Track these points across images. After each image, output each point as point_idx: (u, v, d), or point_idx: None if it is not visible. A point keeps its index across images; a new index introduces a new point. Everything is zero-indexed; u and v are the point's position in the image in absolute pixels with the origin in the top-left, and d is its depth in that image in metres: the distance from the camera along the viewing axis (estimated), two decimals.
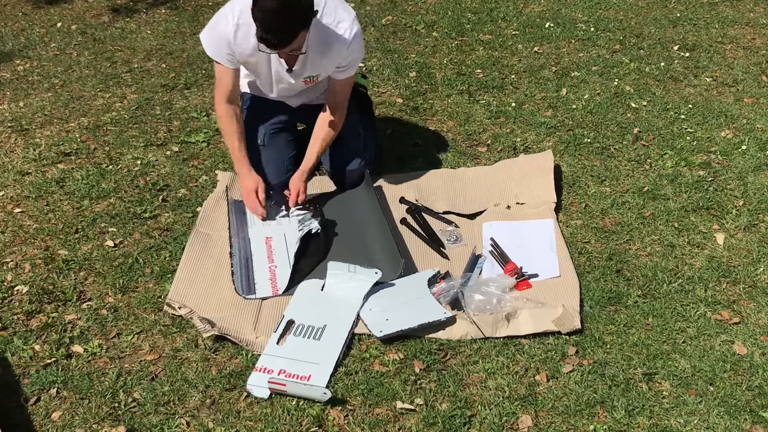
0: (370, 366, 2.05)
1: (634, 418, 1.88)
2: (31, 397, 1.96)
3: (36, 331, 2.19)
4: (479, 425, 1.87)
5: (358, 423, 1.88)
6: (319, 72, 2.60)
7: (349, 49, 2.50)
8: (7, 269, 2.45)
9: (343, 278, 2.30)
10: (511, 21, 4.51)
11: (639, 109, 3.43)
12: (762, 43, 4.11)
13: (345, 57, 2.52)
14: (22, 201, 2.82)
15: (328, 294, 2.29)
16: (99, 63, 4.08)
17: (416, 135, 3.25)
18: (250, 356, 2.08)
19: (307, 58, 2.51)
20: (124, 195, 2.84)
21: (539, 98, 3.55)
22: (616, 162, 3.01)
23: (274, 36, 2.23)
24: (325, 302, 2.27)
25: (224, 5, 2.51)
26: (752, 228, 2.60)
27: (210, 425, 1.88)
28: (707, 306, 2.24)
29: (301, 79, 2.61)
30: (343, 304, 2.24)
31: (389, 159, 3.04)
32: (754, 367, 2.02)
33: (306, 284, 2.35)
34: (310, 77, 2.62)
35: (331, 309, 2.24)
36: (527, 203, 2.69)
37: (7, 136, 3.30)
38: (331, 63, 2.55)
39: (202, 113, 3.47)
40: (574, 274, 2.34)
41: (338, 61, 2.54)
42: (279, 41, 2.25)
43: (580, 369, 2.02)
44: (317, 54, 2.50)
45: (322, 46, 2.48)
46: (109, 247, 2.55)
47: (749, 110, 3.39)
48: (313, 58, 2.52)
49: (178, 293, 2.29)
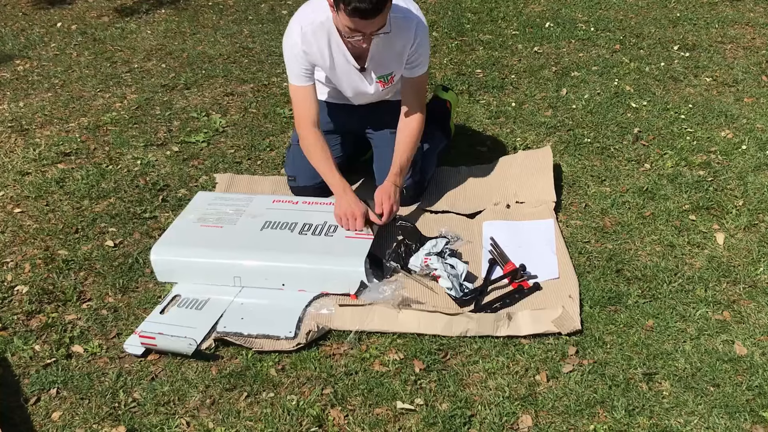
0: (370, 366, 2.05)
1: (634, 418, 1.88)
2: (31, 397, 1.96)
3: (36, 331, 2.19)
4: (479, 425, 1.87)
5: (358, 423, 1.88)
6: (392, 69, 2.57)
7: (417, 42, 2.48)
8: (7, 269, 2.45)
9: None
10: (511, 21, 4.51)
11: (639, 109, 3.43)
12: (762, 43, 4.11)
13: (414, 50, 2.50)
14: (22, 201, 2.82)
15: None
16: (99, 63, 4.09)
17: None
18: (251, 356, 2.08)
19: (378, 52, 2.50)
20: (124, 195, 2.85)
21: (539, 98, 3.55)
22: (616, 162, 3.01)
23: (369, 1, 2.17)
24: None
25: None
26: (752, 228, 2.60)
27: (210, 425, 1.88)
28: (707, 306, 2.24)
29: (375, 80, 2.59)
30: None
31: None
32: (754, 367, 2.02)
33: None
34: (384, 77, 2.59)
35: (217, 286, 2.33)
36: (527, 202, 2.69)
37: (7, 136, 3.30)
38: (401, 57, 2.52)
39: (202, 113, 3.47)
40: (573, 274, 2.34)
41: (407, 54, 2.51)
42: (374, 6, 2.19)
43: (580, 369, 2.02)
44: (387, 47, 2.49)
45: (392, 38, 2.45)
46: (109, 247, 2.55)
47: (749, 110, 3.39)
48: (382, 52, 2.50)
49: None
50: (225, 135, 3.31)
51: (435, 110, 2.98)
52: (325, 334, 2.15)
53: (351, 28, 2.28)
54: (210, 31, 4.54)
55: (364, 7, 2.19)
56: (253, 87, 3.79)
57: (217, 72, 3.95)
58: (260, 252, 2.35)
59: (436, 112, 2.99)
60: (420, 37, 2.49)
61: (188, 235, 2.45)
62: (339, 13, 2.26)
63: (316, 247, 2.36)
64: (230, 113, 3.51)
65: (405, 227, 2.46)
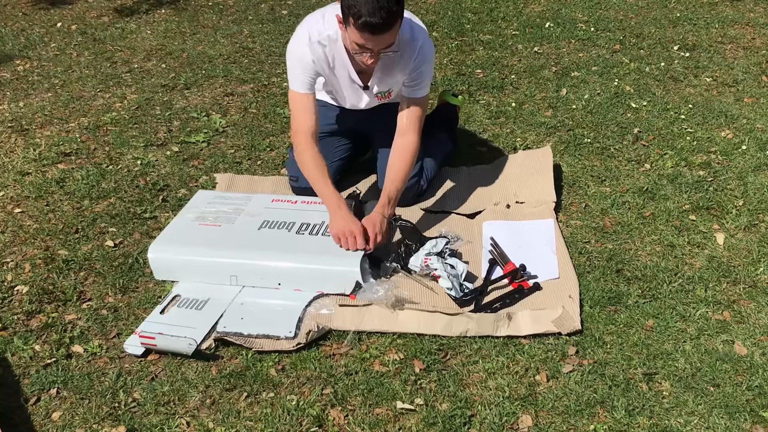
0: (370, 366, 2.05)
1: (634, 418, 1.88)
2: (31, 397, 1.96)
3: (36, 331, 2.19)
4: (479, 425, 1.87)
5: (358, 423, 1.88)
6: (392, 86, 2.56)
7: (416, 61, 2.42)
8: (7, 269, 2.45)
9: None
10: (511, 21, 4.51)
11: (639, 109, 3.43)
12: (762, 43, 4.11)
13: (413, 69, 2.44)
14: (22, 201, 2.82)
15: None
16: (99, 63, 4.09)
17: None
18: (251, 356, 2.08)
19: (381, 71, 2.48)
20: (124, 195, 2.85)
21: (539, 98, 3.55)
22: (616, 162, 3.01)
23: (380, 15, 2.12)
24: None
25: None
26: (752, 228, 2.60)
27: (210, 425, 1.88)
28: (707, 306, 2.24)
29: (375, 94, 2.59)
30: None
31: None
32: (754, 367, 2.02)
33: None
34: (383, 93, 2.59)
35: (217, 285, 2.32)
36: (527, 202, 2.69)
37: (7, 136, 3.30)
38: (401, 75, 2.48)
39: (202, 113, 3.47)
40: (573, 274, 2.34)
41: (406, 72, 2.45)
42: (384, 21, 2.14)
43: (580, 369, 2.02)
44: (389, 68, 2.46)
45: (393, 60, 2.42)
46: (109, 247, 2.55)
47: (749, 110, 3.39)
48: (384, 72, 2.48)
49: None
50: (225, 135, 3.31)
51: (444, 115, 2.98)
52: (325, 334, 2.15)
53: (359, 44, 2.22)
54: (210, 31, 4.54)
55: (374, 21, 2.13)
56: (253, 87, 3.79)
57: (217, 72, 3.95)
58: (257, 252, 2.35)
59: (445, 117, 2.99)
60: (422, 57, 2.42)
61: (186, 233, 2.45)
62: (348, 27, 2.21)
63: (313, 246, 2.36)
64: (230, 113, 3.51)
65: (405, 227, 2.46)
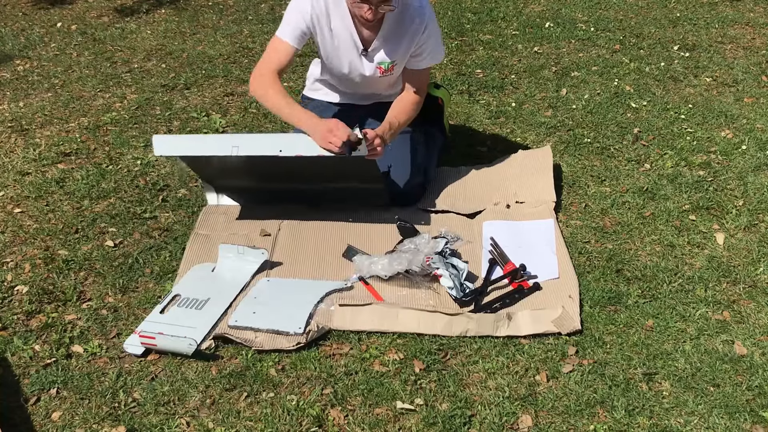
0: (370, 366, 2.05)
1: (634, 418, 1.88)
2: (31, 397, 1.96)
3: (36, 331, 2.19)
4: (479, 425, 1.87)
5: (358, 423, 1.88)
6: (395, 59, 2.58)
7: (425, 34, 2.50)
8: (7, 269, 2.45)
9: (232, 259, 2.42)
10: (511, 21, 4.51)
11: (639, 109, 3.43)
12: (762, 43, 4.11)
13: (424, 40, 2.52)
14: (22, 201, 2.82)
15: (218, 274, 2.40)
16: (99, 63, 4.08)
17: None
18: (251, 356, 2.08)
19: (385, 40, 2.51)
20: (124, 195, 2.85)
21: (539, 98, 3.55)
22: (616, 162, 3.01)
23: None
24: (212, 280, 2.37)
25: None
26: (752, 228, 2.60)
27: (210, 425, 1.88)
28: (707, 306, 2.24)
29: (376, 65, 2.59)
30: (230, 281, 2.36)
31: None
32: (754, 367, 2.02)
33: (198, 267, 2.43)
34: (386, 64, 2.59)
35: (216, 286, 2.34)
36: (527, 202, 2.69)
37: (7, 136, 3.30)
38: (407, 47, 2.54)
39: (202, 113, 3.47)
40: (573, 275, 2.34)
41: (413, 44, 2.53)
42: None
43: (580, 369, 2.02)
44: (394, 36, 2.50)
45: (400, 27, 2.47)
46: (109, 247, 2.55)
47: (749, 110, 3.39)
48: (389, 39, 2.52)
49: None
50: None
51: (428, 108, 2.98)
52: (325, 334, 2.15)
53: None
54: (210, 31, 4.54)
55: None
56: None
57: (217, 72, 3.95)
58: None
59: (430, 110, 2.99)
60: (430, 29, 2.51)
61: None
62: None
63: None
64: (230, 113, 3.51)
65: (405, 227, 2.46)
